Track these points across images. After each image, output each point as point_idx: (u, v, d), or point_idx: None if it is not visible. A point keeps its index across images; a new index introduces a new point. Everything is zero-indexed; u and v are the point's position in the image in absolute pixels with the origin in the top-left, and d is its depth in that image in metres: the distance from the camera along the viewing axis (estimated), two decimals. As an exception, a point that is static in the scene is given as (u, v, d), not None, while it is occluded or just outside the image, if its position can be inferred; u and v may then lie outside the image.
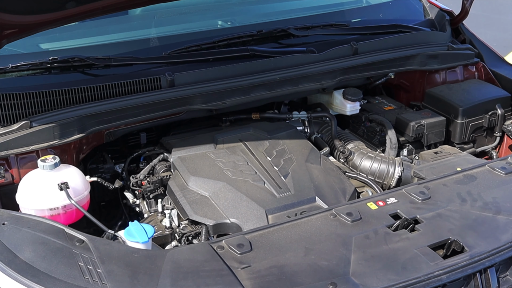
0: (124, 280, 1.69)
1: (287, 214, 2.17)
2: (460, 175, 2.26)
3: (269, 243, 1.88)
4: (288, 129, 2.64)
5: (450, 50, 2.99)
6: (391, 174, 2.52)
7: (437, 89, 2.94)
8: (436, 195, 2.14)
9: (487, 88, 2.94)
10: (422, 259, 1.82)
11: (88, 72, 2.51)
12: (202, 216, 2.17)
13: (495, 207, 2.07)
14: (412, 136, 2.73)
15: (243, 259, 1.81)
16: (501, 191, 2.16)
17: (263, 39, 2.78)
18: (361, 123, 2.88)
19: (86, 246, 1.81)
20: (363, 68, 2.81)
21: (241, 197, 2.21)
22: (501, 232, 1.95)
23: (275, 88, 2.63)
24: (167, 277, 1.70)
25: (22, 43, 2.49)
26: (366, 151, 2.61)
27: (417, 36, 2.96)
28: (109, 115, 2.37)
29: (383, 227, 1.97)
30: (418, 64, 2.93)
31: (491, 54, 3.13)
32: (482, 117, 2.82)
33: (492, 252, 1.87)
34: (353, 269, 1.77)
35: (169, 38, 2.76)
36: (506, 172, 2.26)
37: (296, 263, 1.80)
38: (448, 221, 2.00)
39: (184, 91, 2.46)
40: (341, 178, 2.40)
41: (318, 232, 1.94)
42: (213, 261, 1.77)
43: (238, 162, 2.38)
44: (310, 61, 2.67)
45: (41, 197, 2.10)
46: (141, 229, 1.88)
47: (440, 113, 2.84)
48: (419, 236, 1.94)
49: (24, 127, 2.24)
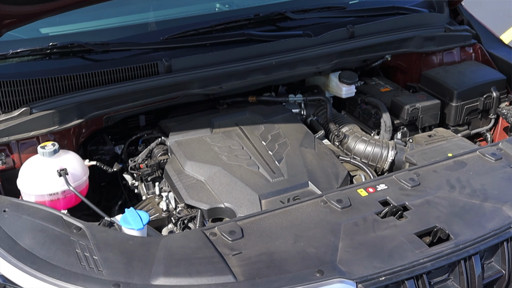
0: (119, 267, 1.76)
1: (280, 199, 2.23)
2: (450, 161, 2.30)
3: (260, 230, 1.95)
4: (284, 112, 2.68)
5: (447, 32, 3.00)
6: (384, 158, 2.57)
7: (433, 71, 2.96)
8: (425, 182, 2.19)
9: (483, 71, 2.95)
10: (408, 246, 1.88)
11: (87, 57, 2.55)
12: (197, 200, 2.23)
13: (483, 194, 2.12)
14: (406, 119, 2.76)
15: (235, 245, 1.88)
16: (489, 177, 2.21)
17: (261, 23, 2.80)
18: (357, 105, 2.92)
19: (83, 233, 1.88)
20: (360, 51, 2.83)
21: (236, 181, 2.27)
22: (487, 220, 2.00)
23: (272, 72, 2.66)
24: (161, 264, 1.77)
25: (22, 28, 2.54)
26: (360, 135, 2.66)
27: (414, 18, 2.97)
28: (107, 101, 2.42)
29: (372, 214, 2.02)
30: (414, 46, 2.94)
31: (488, 35, 3.14)
32: (477, 99, 2.85)
33: (477, 240, 1.93)
34: (340, 257, 1.83)
35: (167, 23, 2.79)
36: (496, 159, 2.30)
37: (286, 250, 1.86)
38: (436, 208, 2.05)
39: (181, 77, 2.50)
40: (334, 162, 2.45)
41: (308, 219, 2.00)
42: (205, 248, 1.84)
43: (234, 147, 2.43)
44: (306, 45, 2.70)
45: (41, 183, 2.16)
46: (136, 216, 1.95)
47: (435, 96, 2.87)
48: (407, 223, 1.99)
49: (24, 113, 2.29)
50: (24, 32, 2.60)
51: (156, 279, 1.72)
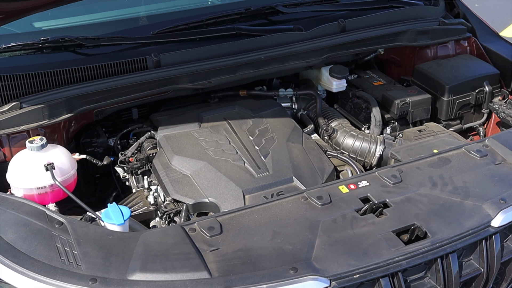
0: (97, 262, 1.79)
1: (264, 194, 2.25)
2: (435, 158, 2.30)
3: (239, 226, 1.97)
4: (273, 106, 2.70)
5: (441, 25, 2.98)
6: (372, 153, 2.58)
7: (426, 65, 2.95)
8: (408, 179, 2.19)
9: (476, 65, 2.93)
10: (384, 244, 1.89)
11: (79, 51, 2.59)
12: (182, 195, 2.27)
13: (464, 192, 2.12)
14: (397, 113, 2.76)
15: (213, 241, 1.90)
16: (473, 175, 2.21)
17: (252, 17, 2.81)
18: (348, 99, 2.92)
19: (64, 228, 1.92)
20: (351, 45, 2.83)
21: (221, 176, 2.30)
22: (466, 218, 2.01)
23: (261, 67, 2.67)
24: (138, 260, 1.80)
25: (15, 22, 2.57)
26: (349, 129, 2.67)
27: (408, 12, 2.95)
28: (96, 95, 2.45)
29: (351, 211, 2.03)
30: (407, 40, 2.93)
31: (484, 28, 3.11)
32: (469, 94, 2.84)
33: (454, 239, 1.94)
34: (316, 254, 1.85)
35: (159, 17, 2.81)
36: (481, 156, 2.30)
37: (262, 247, 1.88)
38: (416, 205, 2.06)
39: (170, 71, 2.52)
40: (321, 158, 2.46)
41: (287, 215, 2.02)
42: (182, 244, 1.87)
43: (221, 142, 2.46)
44: (296, 39, 2.70)
45: (29, 177, 2.21)
46: (118, 211, 1.99)
47: (427, 90, 2.87)
48: (385, 221, 2.00)
49: (14, 108, 2.33)
50: (17, 26, 2.64)
51: (133, 274, 1.76)
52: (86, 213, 2.06)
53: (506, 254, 2.08)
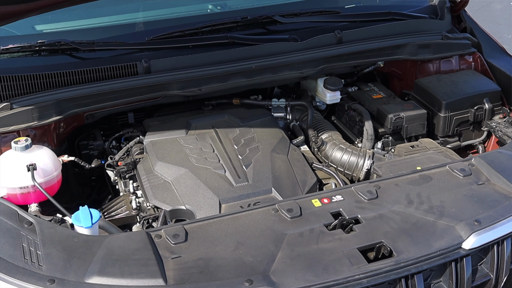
0: (58, 264, 1.83)
1: (241, 204, 2.25)
2: (416, 175, 2.26)
3: (204, 235, 1.98)
4: (263, 116, 2.69)
5: (444, 40, 2.92)
6: (360, 167, 2.55)
7: (425, 80, 2.89)
8: (384, 195, 2.16)
9: (477, 81, 2.86)
10: (346, 261, 1.86)
11: (75, 55, 2.64)
12: (160, 201, 2.29)
13: (439, 211, 2.07)
14: (390, 128, 2.72)
15: (176, 249, 1.92)
16: (452, 194, 2.15)
17: (249, 26, 2.80)
18: (344, 111, 2.89)
19: (33, 228, 1.97)
20: (348, 57, 2.80)
21: (199, 184, 2.31)
22: (436, 238, 1.96)
23: (253, 76, 2.67)
24: (97, 263, 1.83)
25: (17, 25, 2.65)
26: (338, 142, 2.64)
27: (409, 25, 2.90)
28: (86, 99, 2.50)
29: (320, 225, 2.01)
30: (408, 53, 2.88)
31: (491, 44, 3.03)
32: (468, 111, 2.77)
33: (420, 259, 1.90)
34: (275, 267, 1.84)
35: (157, 23, 2.84)
36: (464, 175, 2.24)
37: (223, 257, 1.89)
38: (387, 223, 2.03)
39: (160, 78, 2.55)
40: (304, 170, 2.45)
41: (255, 226, 2.02)
42: (144, 250, 1.89)
43: (205, 149, 2.47)
44: (290, 49, 2.69)
45: (12, 176, 2.26)
46: (87, 214, 2.02)
47: (425, 105, 2.81)
48: (353, 237, 1.98)
49: (5, 108, 2.40)
50: (18, 28, 2.72)
51: (90, 277, 1.78)
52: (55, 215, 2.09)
53: (479, 278, 2.03)
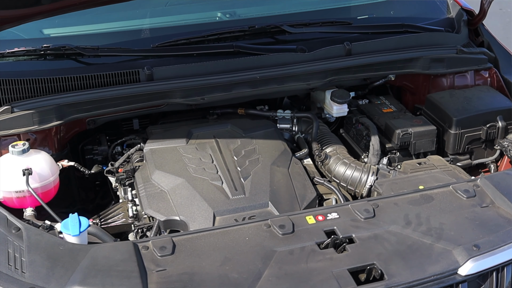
0: (41, 271, 1.81)
1: (236, 217, 2.20)
2: (417, 195, 2.18)
3: (192, 248, 1.93)
4: (266, 128, 2.64)
5: (459, 54, 2.82)
6: (363, 183, 2.47)
7: (437, 95, 2.80)
8: (381, 215, 2.08)
9: (492, 98, 2.75)
10: (334, 282, 1.80)
11: (80, 60, 2.63)
12: (155, 210, 2.25)
13: (438, 234, 1.99)
14: (397, 143, 2.63)
15: (161, 262, 1.88)
16: (452, 216, 2.07)
17: (256, 35, 2.75)
18: (352, 125, 2.82)
19: (20, 234, 1.95)
20: (357, 69, 2.73)
21: (195, 195, 2.27)
22: (431, 262, 1.88)
23: (258, 86, 2.62)
24: (80, 273, 1.80)
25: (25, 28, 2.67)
26: (342, 156, 2.56)
27: (422, 38, 2.82)
28: (87, 105, 2.49)
29: (312, 243, 1.95)
30: (420, 67, 2.80)
31: (508, 59, 2.92)
32: (480, 128, 2.67)
33: (412, 284, 1.82)
34: (260, 285, 1.79)
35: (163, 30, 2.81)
36: (468, 196, 2.15)
37: (208, 273, 1.84)
38: (381, 244, 1.96)
39: (162, 86, 2.52)
40: (304, 184, 2.38)
41: (244, 242, 1.97)
42: (129, 261, 1.85)
43: (204, 159, 2.43)
44: (296, 60, 2.63)
45: (8, 180, 2.27)
46: (76, 222, 2.00)
47: (436, 121, 2.73)
48: (345, 257, 1.91)
49: (6, 111, 2.40)
50: (26, 31, 2.73)
51: (71, 287, 1.76)
52: (44, 221, 2.08)
53: (476, 306, 1.94)
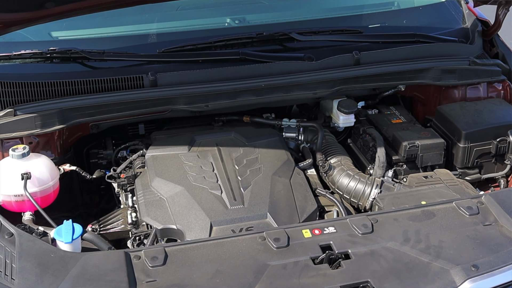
0: (30, 279, 1.80)
1: (233, 228, 2.17)
2: (418, 210, 2.12)
3: (184, 260, 1.91)
4: (270, 136, 2.59)
5: (471, 65, 2.75)
6: (366, 195, 2.42)
7: (447, 107, 2.73)
8: (380, 230, 2.03)
9: (503, 111, 2.67)
10: (325, 300, 1.77)
11: (86, 63, 2.63)
12: (152, 218, 2.23)
13: (436, 252, 1.93)
14: (404, 156, 2.57)
15: (152, 272, 1.86)
16: (452, 234, 2.01)
17: (264, 42, 2.72)
18: (359, 135, 2.77)
19: (13, 240, 1.95)
20: (366, 79, 2.68)
21: (193, 204, 2.24)
22: (427, 282, 1.83)
23: (264, 94, 2.59)
24: (69, 282, 1.79)
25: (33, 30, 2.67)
26: (346, 168, 2.51)
27: (433, 48, 2.75)
28: (90, 109, 2.48)
29: (306, 258, 1.91)
30: (431, 78, 2.74)
31: (524, 72, 2.85)
32: (490, 142, 2.60)
33: (406, 304, 1.78)
34: (250, 300, 1.76)
35: (171, 35, 2.80)
36: (470, 213, 2.09)
37: (198, 285, 1.81)
38: (377, 261, 1.91)
39: (165, 92, 2.50)
40: (306, 195, 2.34)
41: (237, 254, 1.93)
42: (119, 271, 1.83)
43: (204, 168, 2.40)
44: (303, 69, 2.59)
45: (7, 184, 2.27)
46: (69, 229, 1.99)
47: (445, 133, 2.66)
48: (339, 273, 1.86)
49: (9, 114, 2.41)
50: (34, 34, 2.74)
51: (59, 295, 1.75)
52: (37, 227, 2.07)
53: (474, 329, 1.88)
